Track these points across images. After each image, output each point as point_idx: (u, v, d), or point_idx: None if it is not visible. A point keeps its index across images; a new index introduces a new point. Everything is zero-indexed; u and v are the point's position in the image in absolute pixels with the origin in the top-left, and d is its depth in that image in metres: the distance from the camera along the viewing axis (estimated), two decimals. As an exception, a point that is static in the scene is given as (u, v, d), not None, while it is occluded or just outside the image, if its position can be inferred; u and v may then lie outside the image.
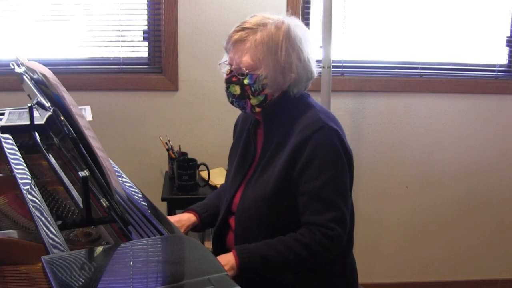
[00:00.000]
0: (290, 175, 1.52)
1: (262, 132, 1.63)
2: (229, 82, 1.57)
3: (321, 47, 2.34)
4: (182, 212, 1.76)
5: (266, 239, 1.53)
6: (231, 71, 1.57)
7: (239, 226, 1.61)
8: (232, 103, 1.61)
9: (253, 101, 1.56)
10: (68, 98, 1.25)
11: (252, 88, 1.55)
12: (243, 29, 1.55)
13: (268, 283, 1.54)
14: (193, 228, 1.72)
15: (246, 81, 1.54)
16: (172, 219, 1.66)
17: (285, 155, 1.53)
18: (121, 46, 2.64)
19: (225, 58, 1.61)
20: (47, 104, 1.36)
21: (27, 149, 1.87)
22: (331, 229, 1.48)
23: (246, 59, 1.53)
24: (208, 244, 2.59)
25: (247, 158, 1.67)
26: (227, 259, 1.46)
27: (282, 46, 1.52)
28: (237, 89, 1.56)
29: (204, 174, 2.47)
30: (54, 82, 1.27)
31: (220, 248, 1.70)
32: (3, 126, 1.98)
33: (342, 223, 1.50)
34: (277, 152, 1.56)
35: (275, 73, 1.53)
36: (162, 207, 2.45)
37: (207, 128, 2.72)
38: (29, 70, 1.59)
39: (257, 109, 1.58)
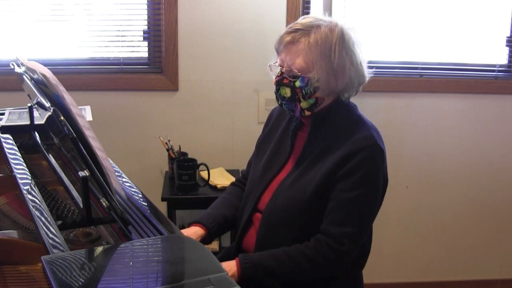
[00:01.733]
0: (330, 183, 1.50)
1: (304, 134, 1.61)
2: (279, 84, 1.54)
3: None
4: (188, 225, 1.71)
5: (291, 240, 1.52)
6: (282, 73, 1.53)
7: (264, 224, 1.59)
8: (281, 105, 1.58)
9: (303, 104, 1.53)
10: (68, 98, 1.25)
11: (303, 91, 1.51)
12: (296, 30, 1.50)
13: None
14: (201, 241, 1.66)
15: (297, 84, 1.51)
16: None
17: (329, 163, 1.50)
18: (121, 46, 2.64)
19: (275, 59, 1.57)
20: (47, 104, 1.36)
21: (27, 149, 1.87)
22: (341, 244, 1.47)
23: (299, 61, 1.49)
24: (208, 245, 2.60)
25: (280, 156, 1.64)
26: (229, 267, 1.46)
27: (336, 49, 1.49)
28: (287, 92, 1.53)
29: (204, 174, 2.47)
30: (54, 82, 1.27)
31: (237, 245, 1.69)
32: (3, 126, 1.97)
33: (355, 241, 1.49)
34: (321, 158, 1.54)
35: (328, 76, 1.50)
36: (162, 207, 2.45)
37: (207, 128, 2.72)
38: (29, 70, 1.59)
39: (307, 113, 1.55)
